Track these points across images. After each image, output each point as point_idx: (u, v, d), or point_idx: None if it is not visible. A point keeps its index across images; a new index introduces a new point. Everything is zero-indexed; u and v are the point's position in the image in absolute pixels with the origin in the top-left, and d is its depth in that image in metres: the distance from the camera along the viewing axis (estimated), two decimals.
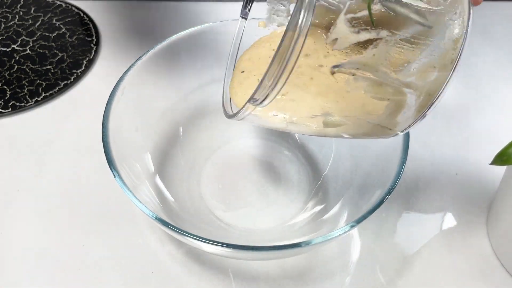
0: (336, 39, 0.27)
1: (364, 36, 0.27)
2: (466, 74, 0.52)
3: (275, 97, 0.25)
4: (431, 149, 0.44)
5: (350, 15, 0.26)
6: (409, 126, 0.29)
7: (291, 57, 0.23)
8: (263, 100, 0.26)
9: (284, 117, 0.29)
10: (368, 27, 0.26)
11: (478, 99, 0.49)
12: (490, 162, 0.31)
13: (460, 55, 0.27)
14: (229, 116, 0.30)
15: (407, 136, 0.33)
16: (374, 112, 0.28)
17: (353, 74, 0.27)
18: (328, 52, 0.27)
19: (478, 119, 0.47)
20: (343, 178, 0.40)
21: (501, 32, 0.57)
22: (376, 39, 0.26)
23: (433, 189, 0.41)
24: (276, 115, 0.29)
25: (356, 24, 0.26)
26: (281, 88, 0.25)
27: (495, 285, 0.35)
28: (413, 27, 0.27)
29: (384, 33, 0.26)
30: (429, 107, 0.28)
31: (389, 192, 0.30)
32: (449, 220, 0.39)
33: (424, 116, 0.28)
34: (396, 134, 0.30)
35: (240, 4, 0.36)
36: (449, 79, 0.27)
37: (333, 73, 0.27)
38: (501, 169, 0.36)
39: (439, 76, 0.27)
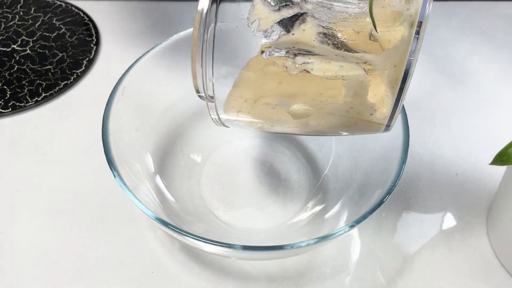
0: (257, 21, 0.26)
1: (287, 12, 0.25)
2: (466, 74, 0.52)
3: (213, 89, 0.26)
4: (431, 149, 0.44)
5: None
6: (394, 111, 0.26)
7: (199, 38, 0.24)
8: (210, 95, 0.26)
9: (249, 112, 0.29)
10: (288, 2, 0.25)
11: (478, 99, 0.49)
12: (490, 162, 0.31)
13: (423, 10, 0.24)
14: (216, 122, 0.31)
15: (407, 136, 0.33)
16: (335, 94, 0.26)
17: (291, 56, 0.26)
18: (254, 35, 0.26)
19: (478, 119, 0.47)
20: (343, 178, 0.40)
21: (501, 32, 0.57)
22: (302, 14, 0.25)
23: (433, 189, 0.41)
24: (240, 111, 0.29)
25: (274, 1, 0.25)
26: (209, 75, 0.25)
27: (495, 285, 0.35)
28: None
29: (309, 6, 0.25)
30: (402, 81, 0.25)
31: (389, 192, 0.30)
32: (449, 220, 0.39)
33: (402, 93, 0.25)
34: (387, 126, 0.28)
35: (240, 4, 0.36)
36: (413, 45, 0.24)
37: (263, 55, 0.26)
38: (501, 169, 0.36)
39: (398, 44, 0.24)
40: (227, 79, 0.28)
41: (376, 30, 0.24)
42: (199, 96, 0.28)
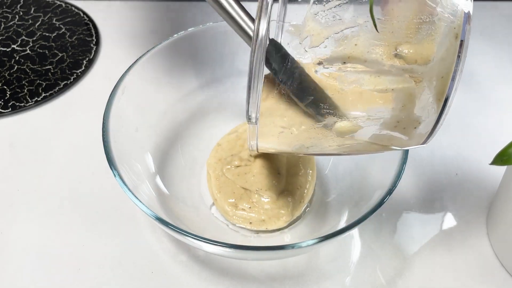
0: (308, 37, 0.25)
1: (338, 27, 0.25)
2: (466, 74, 0.52)
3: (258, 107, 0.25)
4: (431, 149, 0.44)
5: (317, 9, 0.25)
6: (437, 122, 0.26)
7: (259, 69, 0.24)
8: (255, 115, 0.26)
9: (291, 133, 0.29)
10: (340, 17, 0.25)
11: (478, 99, 0.49)
12: (490, 162, 0.31)
13: (466, 24, 0.25)
14: (252, 149, 0.30)
15: None
16: (383, 107, 0.26)
17: (342, 72, 0.26)
18: (306, 51, 0.26)
19: (478, 119, 0.47)
20: (343, 178, 0.40)
21: (501, 32, 0.57)
22: (353, 27, 0.25)
23: (433, 189, 0.41)
24: (283, 131, 0.29)
25: (326, 17, 0.25)
26: (259, 98, 0.25)
27: (495, 285, 0.35)
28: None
29: (360, 19, 0.25)
30: (449, 91, 0.25)
31: (389, 192, 0.30)
32: (449, 220, 0.39)
33: (445, 105, 0.26)
34: (426, 139, 0.27)
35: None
36: (460, 56, 0.24)
37: (316, 72, 0.26)
38: (501, 169, 0.36)
39: (445, 55, 0.25)
40: None
41: (377, 30, 0.24)
42: (248, 120, 0.27)
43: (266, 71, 0.25)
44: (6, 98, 0.48)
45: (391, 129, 0.27)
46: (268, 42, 0.24)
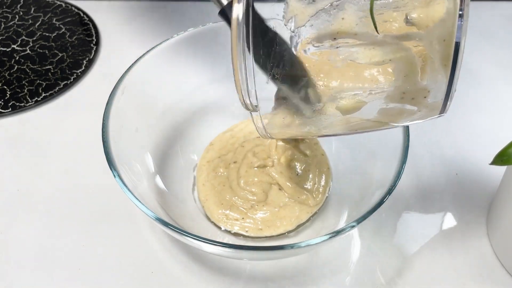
0: (293, 18, 0.25)
1: (322, 3, 0.24)
2: (466, 74, 0.52)
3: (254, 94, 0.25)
4: (431, 149, 0.44)
5: None
6: (449, 88, 0.25)
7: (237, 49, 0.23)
8: (249, 101, 0.25)
9: (296, 120, 0.28)
10: None
11: (478, 99, 0.49)
12: (490, 162, 0.31)
13: None
14: (263, 136, 0.30)
15: (407, 136, 0.33)
16: (383, 79, 0.25)
17: (333, 49, 0.25)
18: (292, 32, 0.25)
19: (478, 119, 0.47)
20: (343, 178, 0.40)
21: (501, 32, 0.57)
22: (338, 3, 0.24)
23: (433, 189, 0.41)
24: (285, 118, 0.28)
25: None
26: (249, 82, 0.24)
27: (495, 285, 0.35)
28: None
29: None
30: (455, 56, 0.23)
31: (389, 192, 0.30)
32: (449, 220, 0.39)
33: (455, 69, 0.23)
34: (443, 107, 0.26)
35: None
36: (462, 14, 0.22)
37: (304, 51, 0.25)
38: (501, 169, 0.36)
39: (444, 16, 0.23)
40: (270, 85, 0.28)
41: (377, 31, 0.24)
42: (245, 107, 0.27)
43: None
44: (6, 98, 0.48)
45: (398, 101, 0.26)
46: (248, 21, 0.24)
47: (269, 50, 0.26)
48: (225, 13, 0.31)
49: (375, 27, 0.24)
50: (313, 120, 0.28)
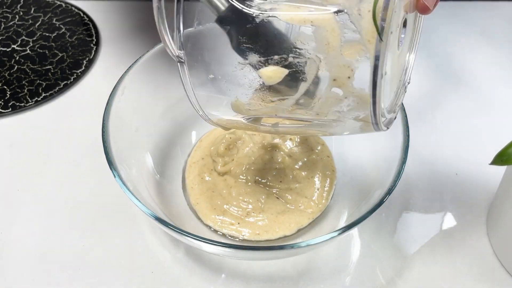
0: None
1: None
2: (466, 74, 0.52)
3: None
4: (431, 149, 0.44)
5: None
6: (374, 81, 0.22)
7: None
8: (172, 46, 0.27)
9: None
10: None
11: (478, 99, 0.49)
12: (490, 162, 0.31)
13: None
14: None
15: (407, 136, 0.33)
16: (303, 46, 0.24)
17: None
18: None
19: (478, 119, 0.47)
20: (343, 178, 0.40)
21: (501, 32, 0.57)
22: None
23: (433, 189, 0.41)
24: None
25: None
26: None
27: (495, 285, 0.35)
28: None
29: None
30: (379, 33, 0.21)
31: (389, 192, 0.30)
32: (449, 220, 0.39)
33: (381, 53, 0.21)
34: (373, 103, 0.23)
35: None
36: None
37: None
38: (501, 169, 0.36)
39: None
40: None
41: (381, 39, 0.22)
42: (171, 54, 0.27)
43: None
44: (6, 98, 0.48)
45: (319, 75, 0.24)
46: None
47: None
48: (222, 21, 0.31)
49: (377, 29, 0.23)
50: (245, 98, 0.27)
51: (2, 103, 0.47)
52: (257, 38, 0.26)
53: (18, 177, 0.42)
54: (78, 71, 0.51)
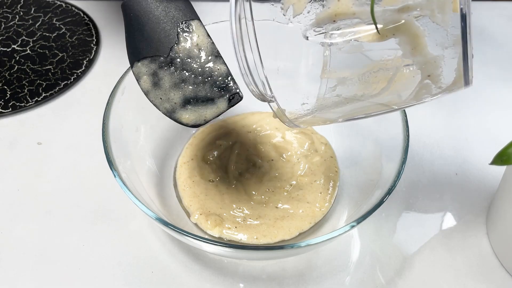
0: (291, 7, 0.25)
1: None
2: None
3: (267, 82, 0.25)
4: (431, 149, 0.44)
5: None
6: (465, 58, 0.25)
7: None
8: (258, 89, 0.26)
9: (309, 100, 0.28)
10: None
11: (478, 99, 0.49)
12: (490, 162, 0.31)
13: None
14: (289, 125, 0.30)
15: (407, 136, 0.33)
16: (392, 55, 0.25)
17: (335, 29, 0.25)
18: (291, 21, 0.26)
19: (478, 119, 0.47)
20: (343, 178, 0.40)
21: (501, 32, 0.57)
22: None
23: (433, 189, 0.41)
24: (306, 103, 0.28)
25: None
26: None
27: (495, 285, 0.35)
28: None
29: None
30: (463, 20, 0.23)
31: (389, 192, 0.30)
32: (449, 220, 0.39)
33: (467, 33, 0.24)
34: (465, 76, 0.26)
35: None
36: None
37: (307, 38, 0.26)
38: (501, 169, 0.36)
39: None
40: (280, 73, 0.28)
41: (378, 31, 0.24)
42: (260, 99, 0.27)
43: None
44: (6, 98, 0.48)
45: (411, 78, 0.26)
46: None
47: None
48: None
49: (376, 28, 0.24)
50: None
51: (2, 103, 0.47)
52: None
53: (18, 177, 0.42)
54: (78, 71, 0.51)
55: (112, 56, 0.53)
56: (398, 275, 0.35)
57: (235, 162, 0.40)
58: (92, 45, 0.54)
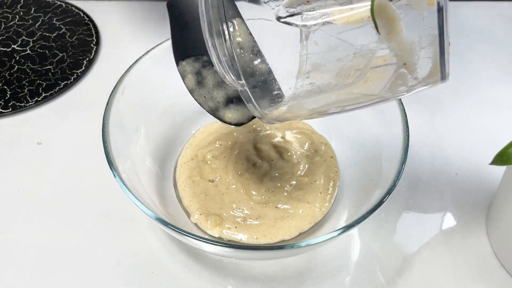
0: None
1: None
2: (466, 74, 0.52)
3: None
4: (431, 149, 0.44)
5: None
6: (442, 45, 0.24)
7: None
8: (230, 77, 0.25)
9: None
10: None
11: (478, 99, 0.49)
12: (490, 162, 0.31)
13: None
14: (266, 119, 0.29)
15: (407, 136, 0.33)
16: (367, 39, 0.24)
17: (310, 10, 0.24)
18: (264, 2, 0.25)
19: (478, 119, 0.47)
20: (343, 178, 0.40)
21: (501, 32, 0.57)
22: None
23: (433, 189, 0.41)
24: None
25: None
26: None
27: (495, 285, 0.35)
28: None
29: None
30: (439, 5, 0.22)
31: (389, 192, 0.30)
32: (449, 220, 0.39)
33: (444, 18, 0.23)
34: (442, 67, 0.25)
35: (240, 4, 0.36)
36: None
37: (279, 18, 0.25)
38: (501, 169, 0.36)
39: None
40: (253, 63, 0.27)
41: (378, 32, 0.23)
42: (231, 85, 0.26)
43: None
44: (6, 98, 0.48)
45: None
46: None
47: None
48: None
49: (376, 28, 0.23)
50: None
51: (2, 103, 0.47)
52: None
53: (18, 177, 0.42)
54: (78, 71, 0.51)
55: (112, 56, 0.53)
56: (398, 275, 0.35)
57: (235, 162, 0.40)
58: (92, 45, 0.54)
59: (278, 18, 0.25)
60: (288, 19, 0.25)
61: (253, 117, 0.29)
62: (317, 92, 0.27)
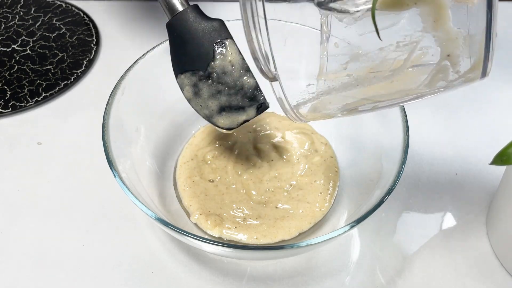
0: None
1: None
2: None
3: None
4: (431, 149, 0.44)
5: None
6: (488, 38, 0.22)
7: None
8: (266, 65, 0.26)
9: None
10: None
11: (478, 99, 0.49)
12: (490, 162, 0.31)
13: None
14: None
15: (407, 136, 0.33)
16: (410, 27, 0.23)
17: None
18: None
19: (478, 119, 0.47)
20: (343, 178, 0.40)
21: (501, 32, 0.57)
22: None
23: (433, 189, 0.41)
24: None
25: None
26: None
27: (495, 285, 0.35)
28: None
29: None
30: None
31: (389, 192, 0.30)
32: (449, 220, 0.39)
33: (492, 11, 0.21)
34: (485, 61, 0.24)
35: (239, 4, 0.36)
36: None
37: (320, 4, 0.25)
38: (501, 169, 0.36)
39: None
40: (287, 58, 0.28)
41: (379, 36, 0.23)
42: (266, 76, 0.27)
43: None
44: (6, 98, 0.48)
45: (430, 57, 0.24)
46: None
47: None
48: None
49: (377, 31, 0.23)
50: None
51: (2, 103, 0.47)
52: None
53: (18, 177, 0.42)
54: (78, 71, 0.51)
55: (112, 56, 0.53)
56: (398, 275, 0.35)
57: (235, 162, 0.40)
58: (92, 45, 0.54)
59: (320, 4, 0.25)
60: (331, 5, 0.25)
61: (242, 123, 0.32)
62: (353, 85, 0.27)
